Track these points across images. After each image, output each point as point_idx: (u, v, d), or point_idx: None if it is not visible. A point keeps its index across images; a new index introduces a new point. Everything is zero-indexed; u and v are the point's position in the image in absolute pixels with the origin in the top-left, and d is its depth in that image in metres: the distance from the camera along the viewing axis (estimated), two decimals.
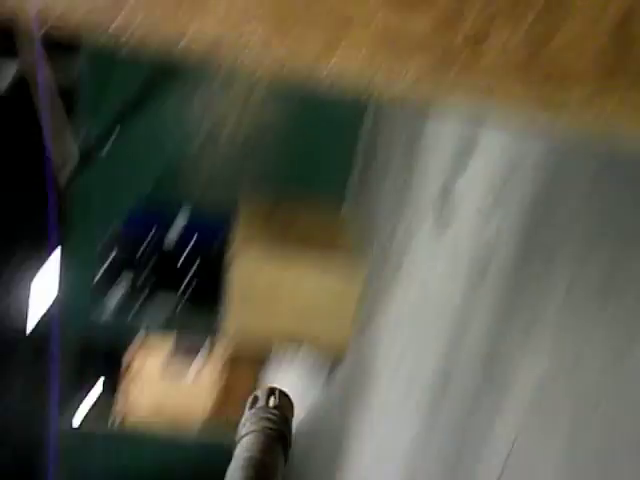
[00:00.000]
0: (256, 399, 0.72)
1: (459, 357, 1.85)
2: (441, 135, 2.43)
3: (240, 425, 0.69)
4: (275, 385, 0.76)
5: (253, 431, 0.66)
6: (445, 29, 0.61)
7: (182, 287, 3.28)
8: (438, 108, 2.10)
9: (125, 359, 5.11)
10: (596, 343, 1.20)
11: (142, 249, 3.27)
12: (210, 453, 3.64)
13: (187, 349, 4.81)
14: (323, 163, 3.64)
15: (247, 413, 0.71)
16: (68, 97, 3.17)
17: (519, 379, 1.43)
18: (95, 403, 5.13)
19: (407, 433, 2.11)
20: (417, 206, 2.55)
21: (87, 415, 4.92)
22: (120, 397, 5.17)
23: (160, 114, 3.40)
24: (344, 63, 0.64)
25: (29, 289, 3.98)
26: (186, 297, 3.30)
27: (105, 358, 4.88)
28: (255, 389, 0.76)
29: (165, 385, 5.16)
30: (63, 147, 3.26)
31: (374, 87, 0.69)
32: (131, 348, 4.92)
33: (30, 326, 4.10)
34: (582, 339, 1.25)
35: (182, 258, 3.30)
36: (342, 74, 0.66)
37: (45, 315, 4.02)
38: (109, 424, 5.01)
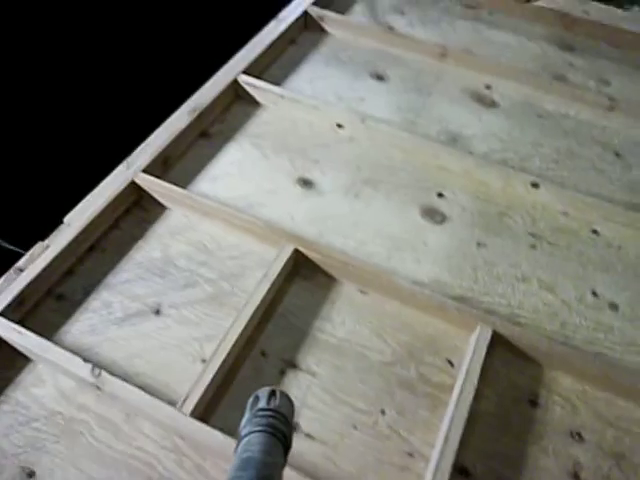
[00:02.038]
0: (257, 400, 0.73)
1: None
2: None
3: (241, 425, 0.69)
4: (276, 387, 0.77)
5: (254, 432, 0.66)
6: None
7: None
8: None
9: None
10: None
11: None
12: None
13: None
14: None
15: (248, 414, 0.71)
16: None
17: None
18: None
19: None
20: None
21: None
22: None
23: None
24: None
25: None
26: None
27: None
28: None
29: None
30: None
31: None
32: None
33: None
34: None
35: None
36: None
37: None
38: None
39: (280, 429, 0.68)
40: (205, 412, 1.03)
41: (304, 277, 1.25)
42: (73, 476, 0.97)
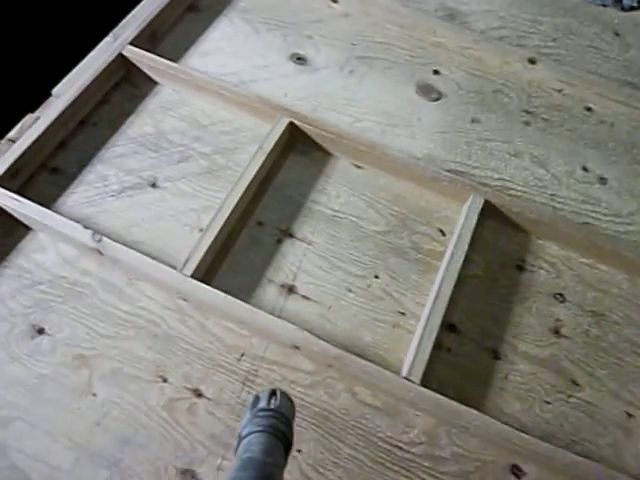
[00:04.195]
0: (257, 400, 0.73)
1: None
2: None
3: (241, 426, 0.70)
4: (277, 386, 0.80)
5: (254, 432, 0.66)
6: None
7: None
8: None
9: None
10: None
11: None
12: None
13: None
14: None
15: (248, 414, 0.71)
16: None
17: None
18: None
19: None
20: None
21: None
22: None
23: None
24: None
25: None
26: None
27: None
28: None
29: None
30: None
31: None
32: None
33: None
34: None
35: None
36: None
37: None
38: None
39: (280, 429, 0.68)
40: (205, 275, 1.07)
41: (299, 152, 1.25)
42: (81, 332, 1.02)
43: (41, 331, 1.02)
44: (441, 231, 1.17)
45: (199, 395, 0.98)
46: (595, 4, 0.92)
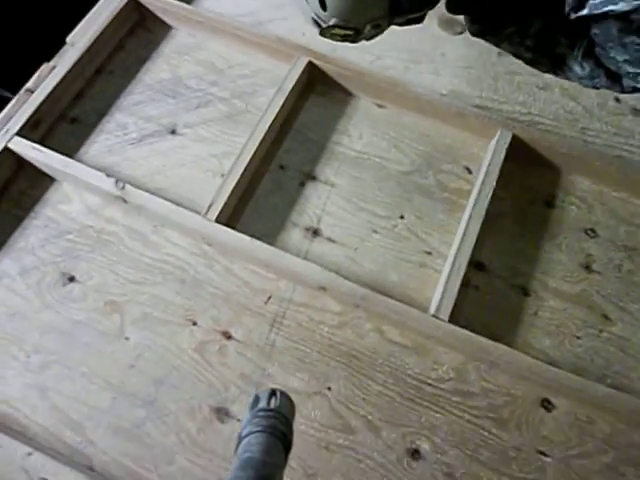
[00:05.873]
0: (257, 400, 0.73)
1: None
2: None
3: (241, 426, 0.70)
4: (277, 386, 0.80)
5: (254, 432, 0.67)
6: None
7: None
8: None
9: None
10: None
11: None
12: None
13: None
14: None
15: (248, 414, 0.72)
16: None
17: None
18: None
19: None
20: None
21: None
22: None
23: None
24: None
25: None
26: None
27: None
28: None
29: None
30: None
31: None
32: None
33: None
34: None
35: None
36: None
37: None
38: None
39: (280, 429, 0.68)
40: (229, 219, 1.07)
41: (319, 93, 1.22)
42: (111, 279, 1.03)
43: (72, 279, 1.03)
44: (467, 169, 1.15)
45: (229, 337, 0.99)
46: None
